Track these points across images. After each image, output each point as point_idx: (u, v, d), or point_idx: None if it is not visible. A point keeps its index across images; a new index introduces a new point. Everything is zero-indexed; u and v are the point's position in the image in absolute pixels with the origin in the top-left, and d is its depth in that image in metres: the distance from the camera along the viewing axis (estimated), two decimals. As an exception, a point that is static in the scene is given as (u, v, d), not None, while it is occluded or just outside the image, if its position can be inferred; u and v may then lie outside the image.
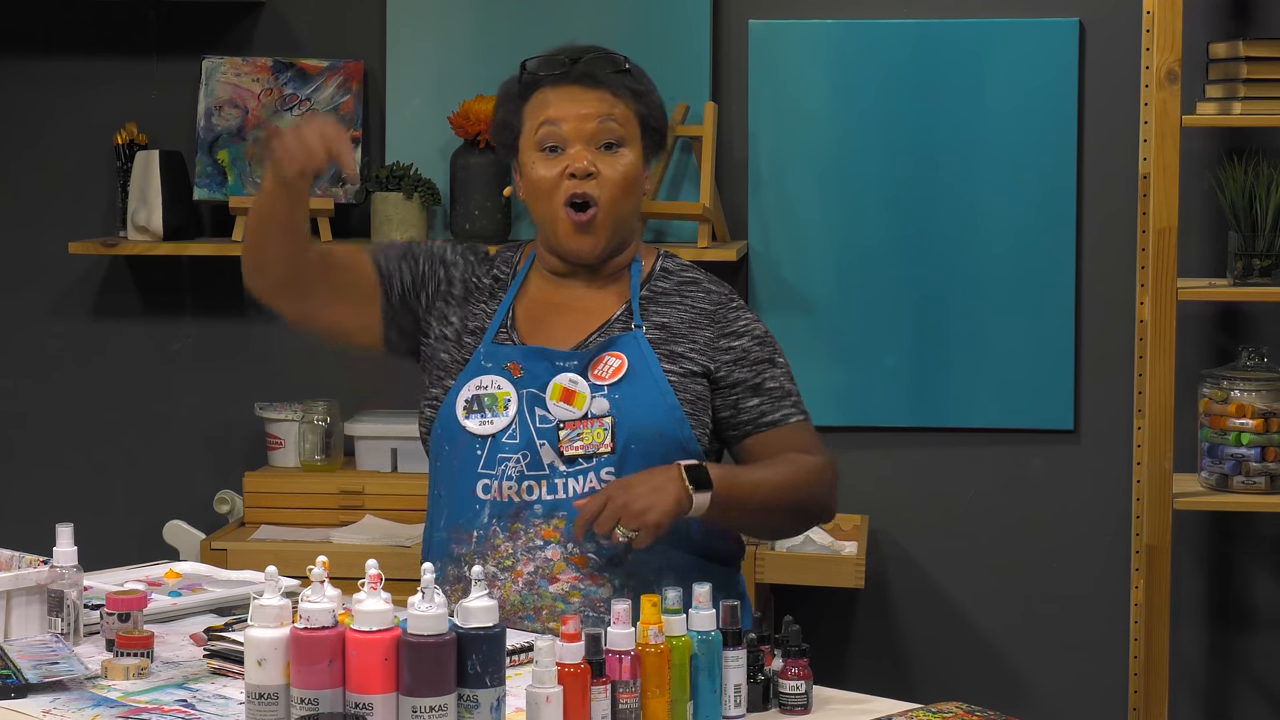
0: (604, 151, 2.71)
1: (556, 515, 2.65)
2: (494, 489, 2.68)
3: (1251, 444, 4.04)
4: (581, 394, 2.68)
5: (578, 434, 2.66)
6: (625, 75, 2.75)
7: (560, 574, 2.65)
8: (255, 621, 2.16)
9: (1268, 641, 4.35)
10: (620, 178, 2.71)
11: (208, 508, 4.39)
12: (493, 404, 2.71)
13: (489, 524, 2.68)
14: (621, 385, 2.67)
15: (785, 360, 2.79)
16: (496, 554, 2.68)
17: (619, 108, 2.72)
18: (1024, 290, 4.29)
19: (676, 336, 2.73)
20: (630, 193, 2.74)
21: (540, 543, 2.66)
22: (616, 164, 2.72)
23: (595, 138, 2.71)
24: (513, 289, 2.81)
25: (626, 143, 2.73)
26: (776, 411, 2.74)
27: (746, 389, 2.73)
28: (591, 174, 2.70)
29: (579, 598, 2.65)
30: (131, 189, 4.35)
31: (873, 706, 2.39)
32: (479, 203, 4.25)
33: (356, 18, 4.47)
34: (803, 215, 4.34)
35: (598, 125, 2.71)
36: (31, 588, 2.54)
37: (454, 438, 2.72)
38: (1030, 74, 4.26)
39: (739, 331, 2.75)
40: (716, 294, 2.78)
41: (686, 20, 4.31)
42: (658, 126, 2.77)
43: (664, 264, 2.81)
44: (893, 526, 4.40)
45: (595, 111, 2.71)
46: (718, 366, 2.72)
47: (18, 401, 4.63)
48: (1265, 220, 4.04)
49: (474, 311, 2.81)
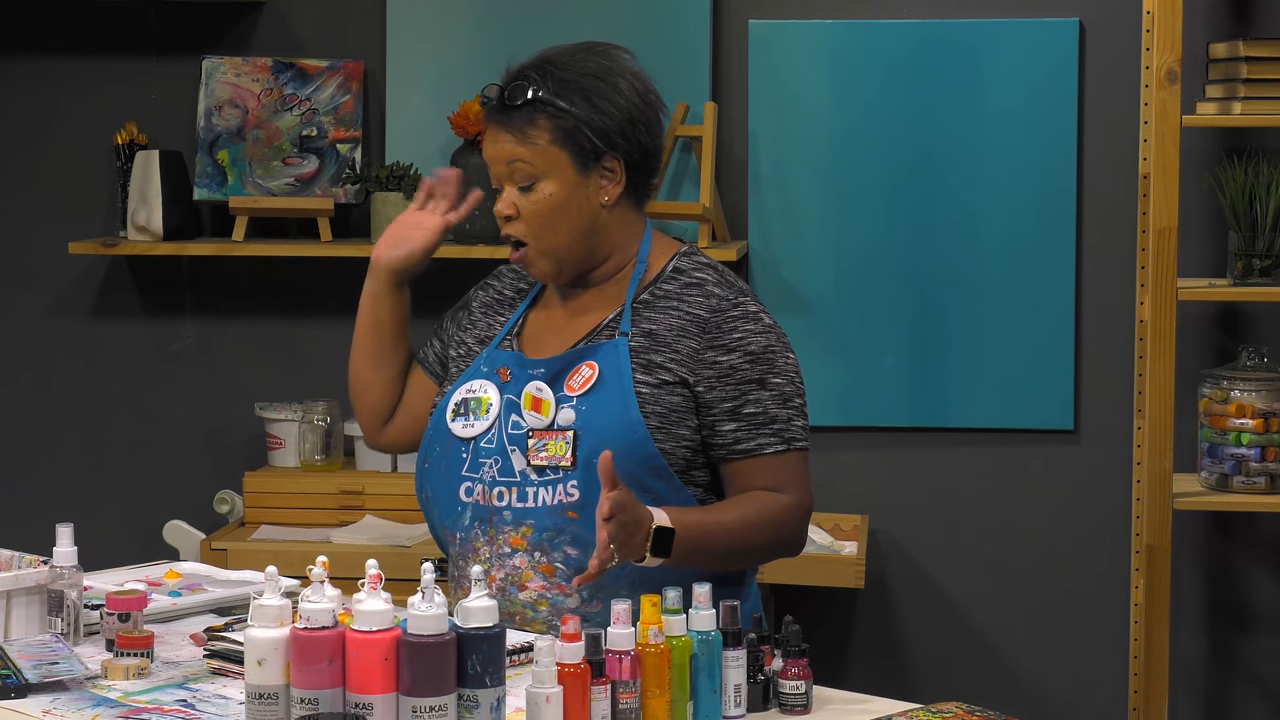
0: (522, 192, 2.70)
1: (524, 523, 2.64)
2: (476, 492, 2.69)
3: (1251, 444, 4.04)
4: (547, 402, 2.66)
5: (543, 444, 2.65)
6: (530, 106, 2.67)
7: (529, 582, 2.65)
8: (255, 621, 2.16)
9: (1268, 641, 4.35)
10: (537, 213, 2.68)
11: (208, 508, 4.39)
12: (477, 407, 2.72)
13: (470, 526, 2.69)
14: (590, 396, 2.65)
15: (785, 380, 2.68)
16: (476, 557, 2.69)
17: (523, 147, 2.67)
18: (1024, 290, 4.29)
19: (659, 345, 2.67)
20: (555, 222, 2.68)
21: (509, 550, 2.66)
22: (531, 201, 2.69)
23: (512, 179, 2.70)
24: (529, 298, 2.82)
25: (542, 176, 2.67)
26: (752, 440, 2.66)
27: (724, 412, 2.66)
28: (510, 217, 2.70)
29: (546, 606, 2.64)
30: (131, 189, 4.36)
31: (873, 706, 2.39)
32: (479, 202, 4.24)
33: (356, 18, 4.47)
34: (803, 215, 4.34)
35: (507, 168, 2.70)
36: (31, 588, 2.54)
37: (443, 439, 2.74)
38: (1030, 74, 4.26)
39: (730, 345, 2.67)
40: (719, 299, 2.70)
41: (686, 20, 4.31)
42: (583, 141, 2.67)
43: (678, 263, 2.75)
44: (893, 526, 4.40)
45: (504, 154, 2.69)
46: (697, 381, 2.66)
47: (18, 401, 4.63)
48: (1265, 220, 4.04)
49: (491, 322, 2.83)
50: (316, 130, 4.43)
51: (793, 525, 2.67)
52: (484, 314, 2.85)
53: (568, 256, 2.71)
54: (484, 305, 2.87)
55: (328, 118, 4.42)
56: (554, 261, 2.71)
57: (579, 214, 2.70)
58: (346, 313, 4.48)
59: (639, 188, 2.75)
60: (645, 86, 2.74)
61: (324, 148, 4.42)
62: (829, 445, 4.33)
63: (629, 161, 2.71)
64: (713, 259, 2.78)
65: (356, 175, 4.37)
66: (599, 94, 2.68)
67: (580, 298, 2.77)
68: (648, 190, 2.78)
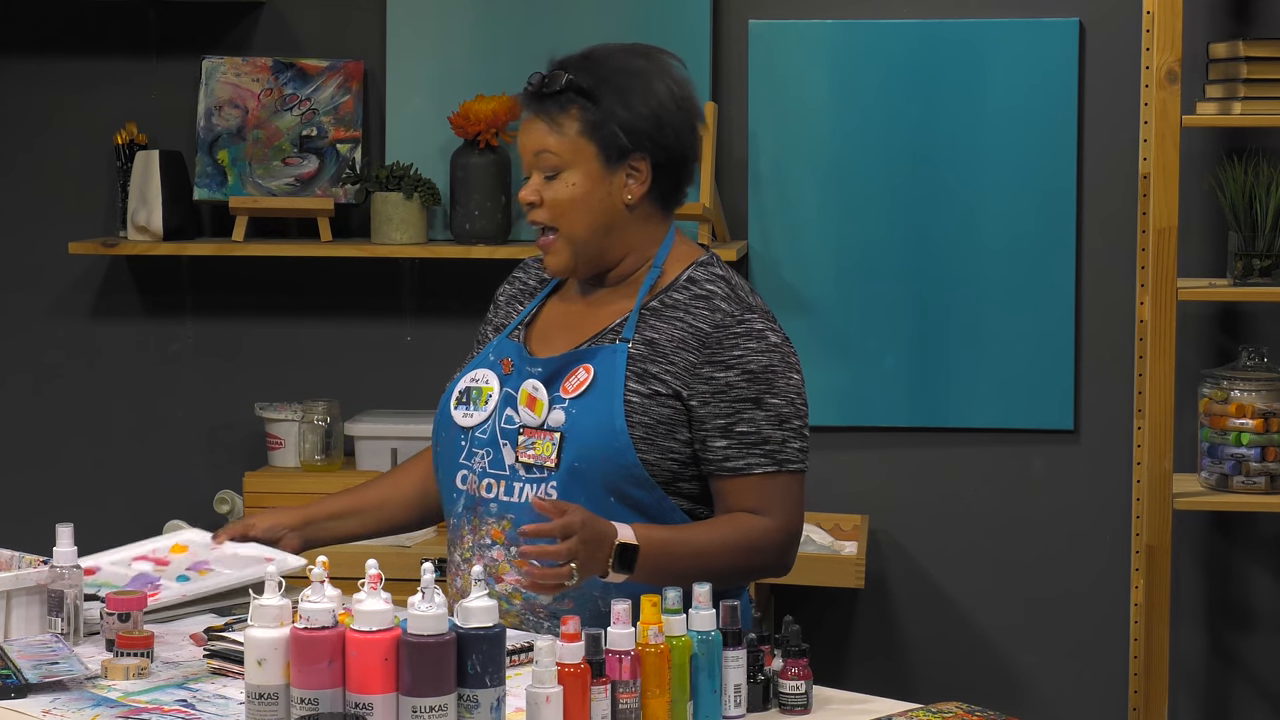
0: (548, 180, 2.71)
1: (506, 517, 2.66)
2: (469, 481, 2.71)
3: (1251, 444, 4.04)
4: (541, 402, 2.67)
5: (531, 442, 2.66)
6: (562, 97, 2.70)
7: (505, 574, 2.66)
8: (255, 621, 2.16)
9: (1268, 641, 4.35)
10: (560, 201, 2.70)
11: (208, 508, 4.39)
12: (478, 397, 2.74)
13: (461, 514, 2.72)
14: (581, 400, 2.65)
15: (783, 401, 2.65)
16: (462, 545, 2.72)
17: (551, 137, 2.69)
18: (1024, 290, 4.29)
19: (657, 355, 2.66)
20: (577, 212, 2.70)
21: (489, 541, 2.68)
22: (556, 189, 2.70)
23: (539, 166, 2.72)
24: (545, 291, 2.84)
25: (567, 166, 2.69)
26: (741, 459, 2.64)
27: (716, 429, 2.64)
28: (534, 204, 2.72)
29: (520, 600, 2.66)
30: (131, 189, 4.35)
31: (873, 706, 2.39)
32: (479, 203, 4.25)
33: (356, 18, 4.47)
34: (803, 215, 4.34)
35: (534, 158, 2.72)
36: (31, 588, 2.54)
37: (446, 426, 2.77)
38: (1030, 74, 4.26)
39: (729, 362, 2.65)
40: (724, 314, 2.67)
41: (686, 20, 4.31)
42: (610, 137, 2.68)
43: (693, 273, 2.73)
44: (893, 526, 4.40)
45: (534, 144, 2.71)
46: (691, 395, 2.64)
47: (18, 401, 4.63)
48: (1265, 220, 4.04)
49: (510, 311, 2.87)
50: (316, 130, 4.42)
51: (772, 550, 2.65)
52: (508, 304, 2.89)
53: (583, 250, 2.72)
54: (510, 297, 2.90)
55: (328, 118, 4.42)
56: (571, 253, 2.72)
57: (600, 208, 2.71)
58: (346, 313, 4.52)
59: (665, 192, 2.75)
60: (683, 93, 2.75)
61: (324, 148, 4.42)
62: (829, 445, 4.33)
63: (656, 163, 2.71)
64: (730, 271, 2.76)
65: (356, 175, 4.37)
66: (632, 91, 2.70)
67: (596, 296, 2.78)
68: (676, 196, 2.77)
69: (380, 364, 4.49)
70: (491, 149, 4.26)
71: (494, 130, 4.23)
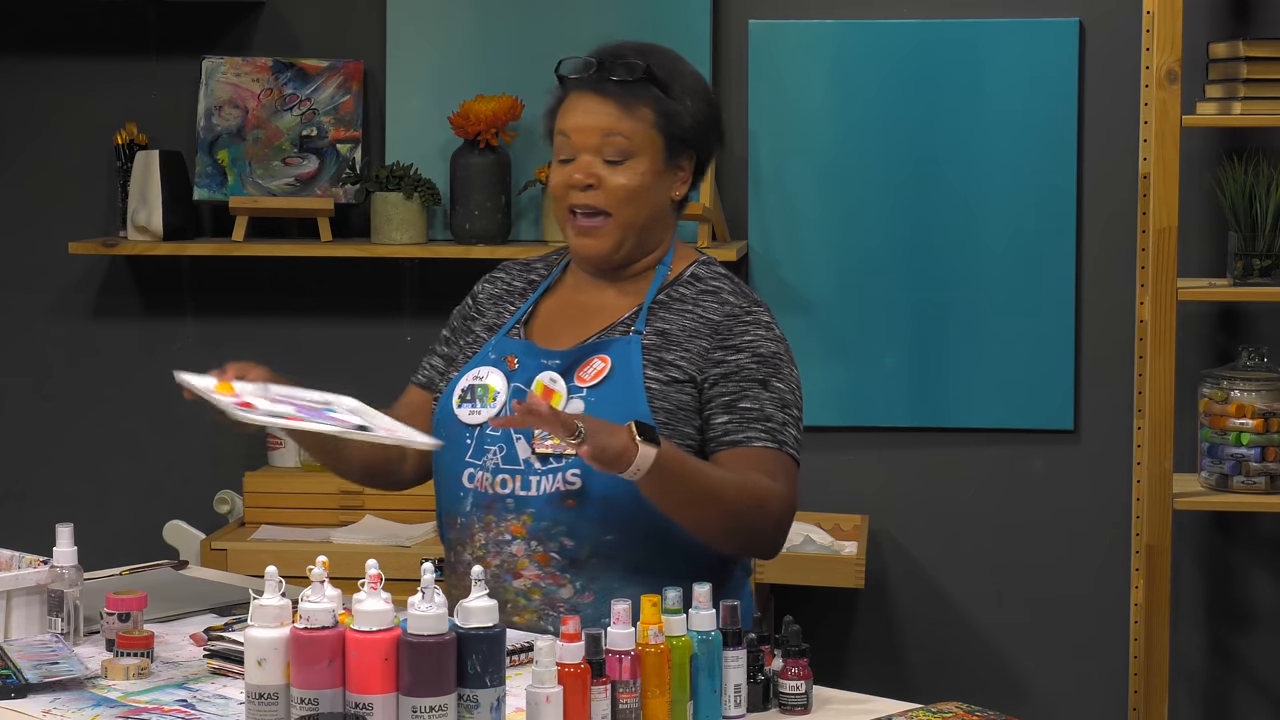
0: (609, 165, 2.71)
1: (525, 512, 2.65)
2: (478, 479, 2.70)
3: (1251, 444, 4.04)
4: (559, 393, 2.67)
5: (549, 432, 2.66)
6: (638, 85, 2.71)
7: (524, 570, 2.66)
8: (255, 621, 2.16)
9: (1268, 641, 4.35)
10: (622, 187, 2.70)
11: (208, 508, 4.39)
12: (483, 394, 2.73)
13: (470, 513, 2.70)
14: (600, 388, 2.66)
15: (786, 388, 2.68)
16: (472, 543, 2.70)
17: (626, 122, 2.70)
18: (1024, 290, 4.29)
19: (671, 344, 2.69)
20: (638, 201, 2.71)
21: (508, 537, 2.67)
22: (620, 175, 2.70)
23: (600, 150, 2.71)
24: (541, 288, 2.83)
25: (636, 154, 2.71)
26: (742, 432, 2.65)
27: (720, 405, 2.66)
28: (591, 186, 2.71)
29: (539, 595, 2.65)
30: (131, 189, 4.36)
31: (873, 706, 2.39)
32: (479, 203, 4.25)
33: (356, 18, 4.47)
34: (803, 215, 4.34)
35: (601, 140, 2.71)
36: (31, 588, 2.54)
37: (449, 425, 2.75)
38: (1030, 74, 4.26)
39: (739, 346, 2.69)
40: (733, 305, 2.72)
41: (686, 20, 4.31)
42: (679, 132, 2.72)
43: (696, 270, 2.77)
44: (893, 526, 4.40)
45: (601, 125, 2.70)
46: (705, 378, 2.67)
47: (17, 401, 4.63)
48: (1265, 220, 4.04)
49: (500, 311, 2.85)
50: (316, 130, 4.43)
51: (773, 511, 2.62)
52: (493, 304, 2.87)
53: (628, 239, 2.74)
54: (492, 297, 2.88)
55: (328, 118, 4.42)
56: (618, 239, 2.73)
57: (654, 201, 2.74)
58: (346, 313, 4.52)
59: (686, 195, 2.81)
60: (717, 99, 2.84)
61: (324, 148, 4.42)
62: (829, 445, 4.33)
63: (696, 163, 2.77)
64: (730, 271, 2.81)
65: (356, 175, 4.37)
66: (697, 92, 2.75)
67: (600, 292, 2.78)
68: (687, 199, 2.82)
69: (380, 364, 4.48)
70: (491, 149, 4.26)
71: (494, 130, 4.23)
